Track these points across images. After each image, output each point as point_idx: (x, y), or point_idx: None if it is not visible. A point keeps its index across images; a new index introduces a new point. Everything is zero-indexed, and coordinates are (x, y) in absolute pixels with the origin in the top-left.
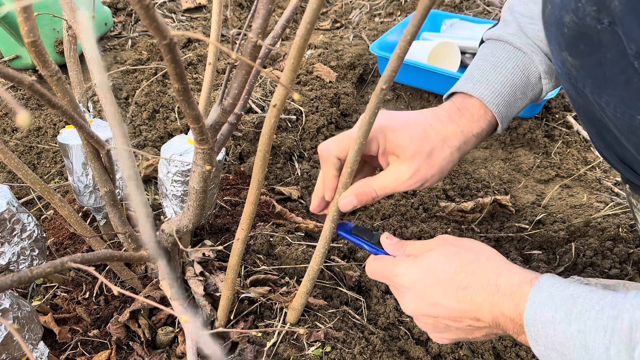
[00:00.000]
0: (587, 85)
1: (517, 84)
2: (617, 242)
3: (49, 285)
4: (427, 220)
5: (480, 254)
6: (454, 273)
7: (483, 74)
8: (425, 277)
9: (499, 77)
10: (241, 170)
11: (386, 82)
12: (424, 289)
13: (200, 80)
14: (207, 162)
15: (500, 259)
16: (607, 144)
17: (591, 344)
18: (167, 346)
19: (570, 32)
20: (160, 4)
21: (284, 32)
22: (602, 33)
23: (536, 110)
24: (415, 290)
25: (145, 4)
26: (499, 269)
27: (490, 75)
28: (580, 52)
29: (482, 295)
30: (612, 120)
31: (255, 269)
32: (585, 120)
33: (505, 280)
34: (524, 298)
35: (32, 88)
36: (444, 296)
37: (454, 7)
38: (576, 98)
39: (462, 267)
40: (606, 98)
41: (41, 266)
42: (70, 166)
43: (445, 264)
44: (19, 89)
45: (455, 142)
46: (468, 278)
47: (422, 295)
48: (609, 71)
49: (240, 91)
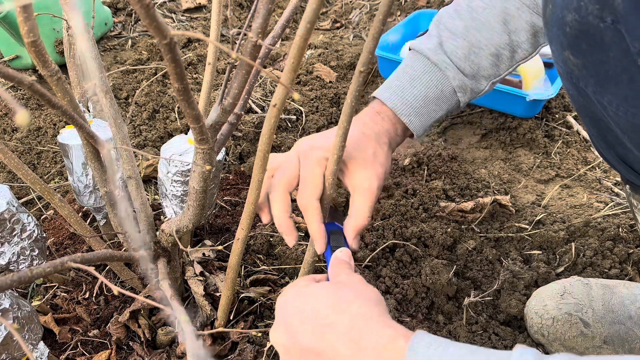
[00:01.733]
0: (589, 84)
1: (430, 97)
2: (617, 242)
3: (49, 285)
4: (427, 220)
5: (364, 302)
6: (323, 312)
7: (400, 86)
8: (296, 304)
9: (414, 90)
10: (241, 170)
11: (364, 65)
12: (287, 315)
13: (200, 80)
14: (207, 162)
15: (378, 312)
16: (609, 144)
17: None
18: (167, 346)
19: (573, 31)
20: (160, 4)
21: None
22: (605, 31)
23: (536, 110)
24: (281, 316)
25: (145, 3)
26: (371, 319)
27: (406, 87)
28: (582, 51)
29: (343, 341)
30: (614, 119)
31: (255, 269)
32: (586, 121)
33: (377, 334)
34: (400, 354)
35: (32, 88)
36: (303, 328)
37: None
38: (577, 98)
39: (334, 303)
40: (608, 97)
41: (41, 266)
42: (70, 166)
43: (322, 298)
44: (19, 89)
45: (385, 139)
46: (336, 322)
47: (283, 321)
48: (611, 70)
49: (240, 91)
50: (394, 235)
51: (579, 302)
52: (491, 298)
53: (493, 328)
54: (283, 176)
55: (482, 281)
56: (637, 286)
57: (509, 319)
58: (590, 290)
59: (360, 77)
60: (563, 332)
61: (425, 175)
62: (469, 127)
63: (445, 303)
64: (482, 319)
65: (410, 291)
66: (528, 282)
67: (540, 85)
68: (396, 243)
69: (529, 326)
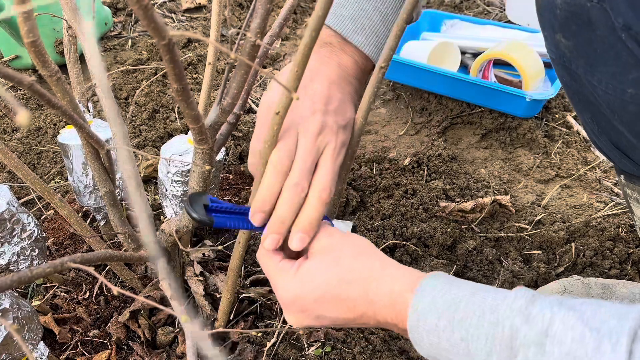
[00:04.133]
0: (580, 65)
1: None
2: (617, 242)
3: (49, 285)
4: (427, 220)
5: (359, 258)
6: (333, 285)
7: (373, 27)
8: (305, 292)
9: (387, 31)
10: (241, 170)
11: (385, 61)
12: (305, 304)
13: (200, 80)
14: (207, 162)
15: (380, 263)
16: (602, 129)
17: (473, 352)
18: (167, 346)
19: (563, 12)
20: (160, 4)
21: (282, 30)
22: (591, 10)
23: (536, 110)
24: (297, 306)
25: (143, 4)
26: (378, 276)
27: (380, 30)
28: (572, 32)
29: (363, 304)
30: (605, 99)
31: (255, 269)
32: (580, 107)
33: (385, 288)
34: (405, 306)
35: (32, 88)
36: (326, 309)
37: (454, 7)
38: (570, 83)
39: (340, 277)
40: (598, 76)
41: (41, 266)
42: (70, 166)
43: (324, 276)
44: (19, 89)
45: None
46: (347, 289)
47: (303, 309)
48: (599, 47)
49: (239, 91)
50: (394, 235)
51: None
52: None
53: None
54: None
55: (482, 281)
56: (636, 286)
57: None
58: (590, 290)
59: (379, 72)
60: None
61: (425, 175)
62: (469, 127)
63: None
64: None
65: None
66: (528, 282)
67: (540, 85)
68: (396, 243)
69: None
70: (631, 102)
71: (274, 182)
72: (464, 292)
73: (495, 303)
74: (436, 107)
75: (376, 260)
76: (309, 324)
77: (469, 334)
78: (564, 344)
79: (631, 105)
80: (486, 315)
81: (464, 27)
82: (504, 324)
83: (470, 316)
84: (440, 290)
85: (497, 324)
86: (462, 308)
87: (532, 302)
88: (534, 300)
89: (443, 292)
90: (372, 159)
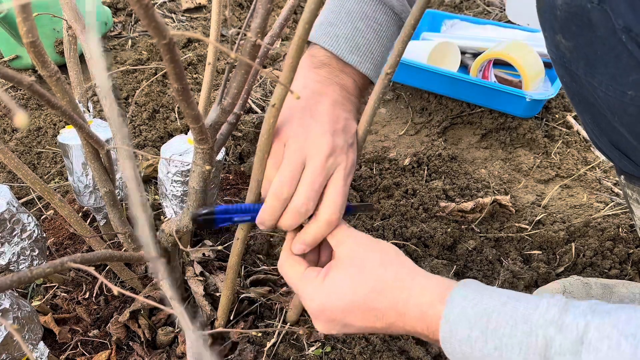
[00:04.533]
0: (580, 66)
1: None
2: (617, 242)
3: (49, 285)
4: (427, 220)
5: (388, 267)
6: (361, 295)
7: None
8: (332, 302)
9: (381, 47)
10: (241, 170)
11: (391, 67)
12: (332, 314)
13: (200, 80)
14: (207, 162)
15: (408, 272)
16: (602, 130)
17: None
18: (167, 346)
19: (563, 14)
20: (160, 4)
21: (282, 30)
22: (592, 12)
23: (536, 110)
24: (325, 316)
25: (144, 3)
26: (408, 286)
27: (375, 47)
28: (572, 33)
29: (392, 315)
30: (605, 100)
31: (255, 269)
32: (580, 108)
33: (415, 300)
34: (437, 318)
35: (32, 88)
36: (353, 319)
37: (454, 7)
38: (570, 84)
39: (368, 287)
40: (598, 77)
41: (41, 266)
42: (70, 166)
43: (351, 286)
44: (18, 89)
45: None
46: (375, 300)
47: (332, 319)
48: (600, 49)
49: (239, 91)
50: (394, 235)
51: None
52: None
53: None
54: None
55: (482, 281)
56: (636, 286)
57: None
58: (590, 290)
59: (385, 79)
60: None
61: (425, 175)
62: (469, 127)
63: None
64: None
65: None
66: (528, 282)
67: (540, 85)
68: (396, 243)
69: None
70: (631, 104)
71: (276, 206)
72: (495, 301)
73: (527, 312)
74: (436, 107)
75: (404, 269)
76: (338, 331)
77: (502, 343)
78: (600, 351)
79: (631, 107)
80: (519, 325)
81: (464, 27)
82: (538, 333)
83: (503, 326)
84: (471, 300)
85: (531, 333)
86: (494, 318)
87: (564, 310)
88: (567, 308)
89: (474, 302)
90: (372, 159)
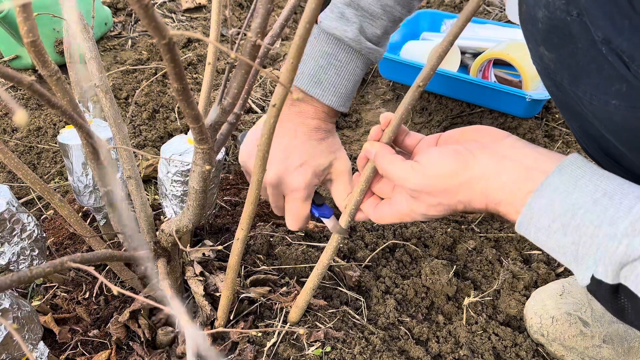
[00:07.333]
0: (564, 77)
1: (358, 80)
2: None
3: (49, 285)
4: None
5: (479, 147)
6: (451, 175)
7: (329, 81)
8: (426, 180)
9: (344, 81)
10: (241, 170)
11: (423, 80)
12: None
13: (200, 80)
14: (207, 162)
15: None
16: (592, 138)
17: (581, 257)
18: (167, 346)
19: (544, 26)
20: (160, 4)
21: (283, 31)
22: (572, 24)
23: (536, 110)
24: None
25: (144, 3)
26: (498, 167)
27: (336, 81)
28: (554, 45)
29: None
30: (590, 110)
31: (255, 269)
32: (568, 116)
33: (505, 179)
34: (523, 202)
35: (32, 88)
36: (445, 197)
37: (454, 7)
38: (557, 94)
39: (460, 165)
40: (582, 87)
41: (41, 266)
42: (70, 166)
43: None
44: (18, 89)
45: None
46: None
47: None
48: (582, 60)
49: (239, 90)
50: (394, 235)
51: (578, 302)
52: (491, 298)
53: (493, 328)
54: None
55: (481, 281)
56: None
57: (509, 319)
58: None
59: (417, 91)
60: (562, 331)
61: None
62: None
63: (445, 303)
64: (481, 319)
65: (410, 291)
66: (528, 282)
67: (540, 85)
68: (396, 243)
69: (529, 326)
70: (615, 112)
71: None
72: (586, 198)
73: (617, 215)
74: (436, 107)
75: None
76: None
77: (581, 240)
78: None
79: (616, 116)
80: (603, 227)
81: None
82: (622, 241)
83: (587, 225)
84: (562, 192)
85: (614, 237)
86: (580, 215)
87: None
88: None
89: (564, 195)
90: None
